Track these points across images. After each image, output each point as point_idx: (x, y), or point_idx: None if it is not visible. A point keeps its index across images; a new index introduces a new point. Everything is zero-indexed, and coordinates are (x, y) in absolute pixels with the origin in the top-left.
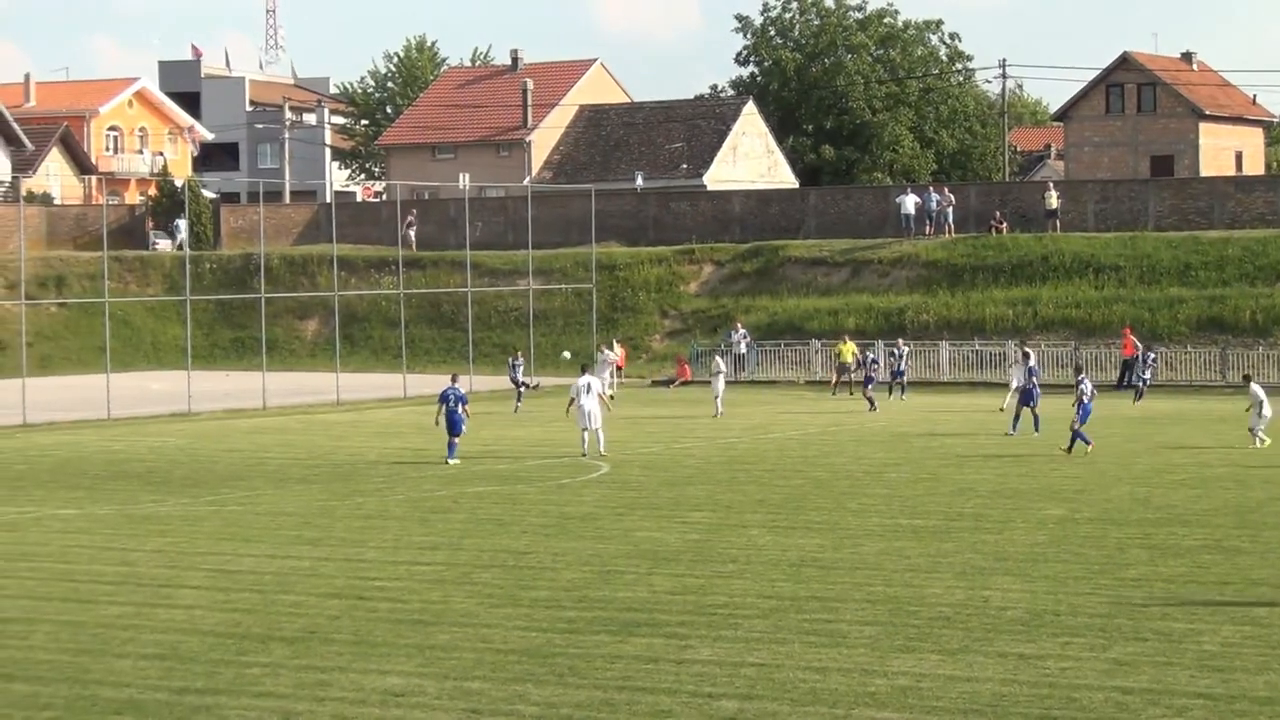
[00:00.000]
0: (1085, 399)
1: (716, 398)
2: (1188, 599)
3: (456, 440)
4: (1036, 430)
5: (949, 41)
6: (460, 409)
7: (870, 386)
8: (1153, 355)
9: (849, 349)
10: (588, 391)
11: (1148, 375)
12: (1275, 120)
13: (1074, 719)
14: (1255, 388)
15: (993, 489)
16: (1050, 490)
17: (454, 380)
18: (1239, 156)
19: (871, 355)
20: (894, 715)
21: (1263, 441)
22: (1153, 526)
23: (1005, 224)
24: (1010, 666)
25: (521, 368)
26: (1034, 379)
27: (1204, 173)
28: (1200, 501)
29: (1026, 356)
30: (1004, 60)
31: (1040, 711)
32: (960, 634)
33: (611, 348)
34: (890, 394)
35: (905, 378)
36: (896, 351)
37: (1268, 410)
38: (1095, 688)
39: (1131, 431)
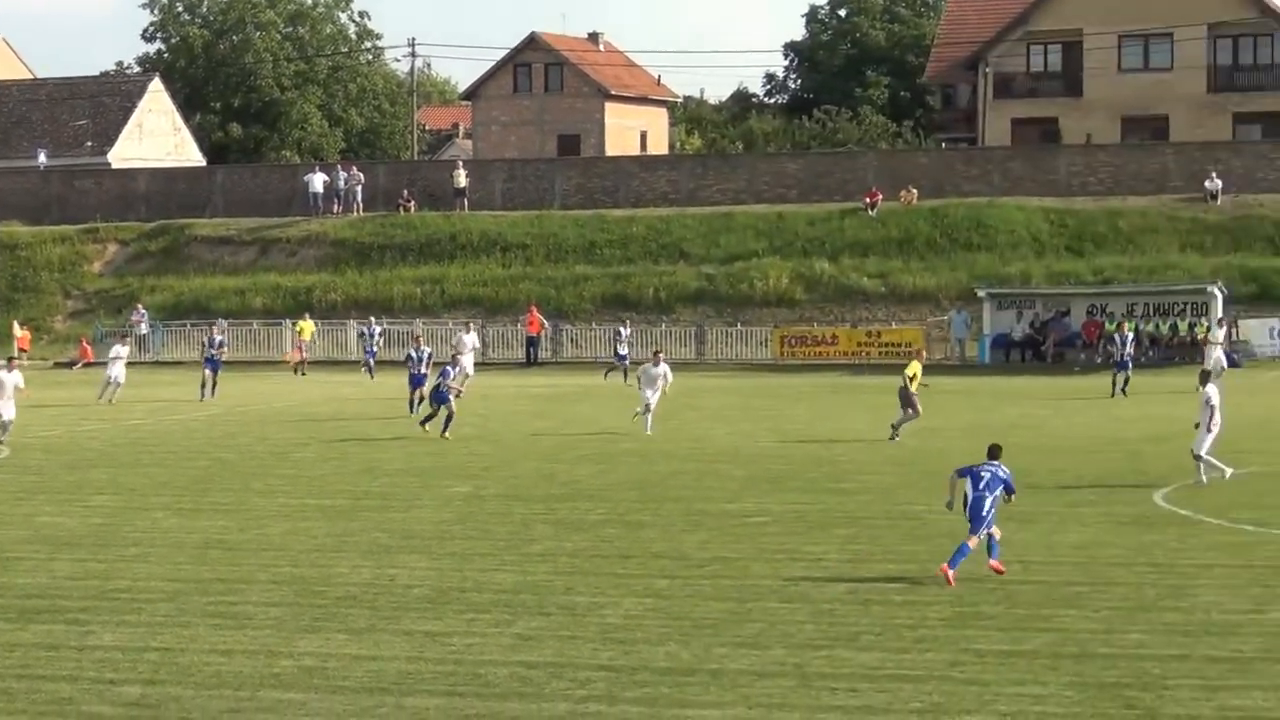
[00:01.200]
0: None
1: (109, 384)
2: (591, 572)
3: None
4: (412, 411)
5: (358, 20)
6: None
7: (217, 371)
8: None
9: (308, 327)
10: None
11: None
12: (679, 100)
13: (479, 694)
14: (664, 369)
15: (400, 467)
16: (457, 468)
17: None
18: (644, 136)
19: (220, 338)
20: (299, 696)
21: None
22: (558, 502)
23: (414, 202)
24: (417, 644)
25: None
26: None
27: (609, 152)
28: (604, 476)
29: (435, 341)
30: (413, 39)
31: (446, 687)
32: (367, 613)
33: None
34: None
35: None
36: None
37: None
38: (500, 663)
39: (537, 408)
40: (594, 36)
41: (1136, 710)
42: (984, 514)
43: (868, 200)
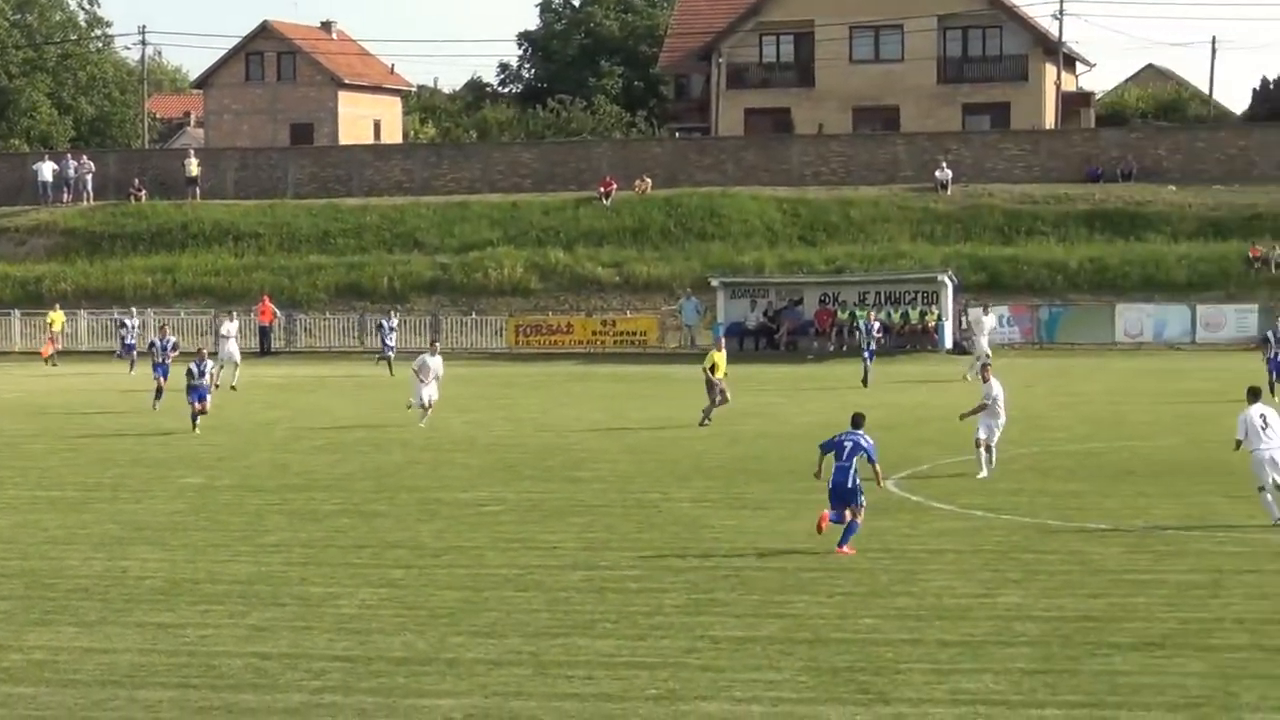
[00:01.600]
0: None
1: None
2: (326, 563)
3: None
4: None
5: (87, 7)
6: None
7: None
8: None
9: (59, 318)
10: None
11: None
12: (412, 90)
13: (213, 686)
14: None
15: (132, 459)
16: (190, 458)
17: None
18: (377, 125)
19: None
20: (29, 690)
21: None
22: (292, 492)
23: (145, 191)
24: (149, 636)
25: None
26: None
27: (343, 141)
28: (339, 466)
29: (163, 331)
30: (143, 27)
31: (179, 680)
32: (99, 605)
33: None
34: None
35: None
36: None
37: (433, 392)
38: (234, 654)
39: (270, 398)
40: (327, 25)
41: (870, 694)
42: (850, 487)
43: (602, 190)
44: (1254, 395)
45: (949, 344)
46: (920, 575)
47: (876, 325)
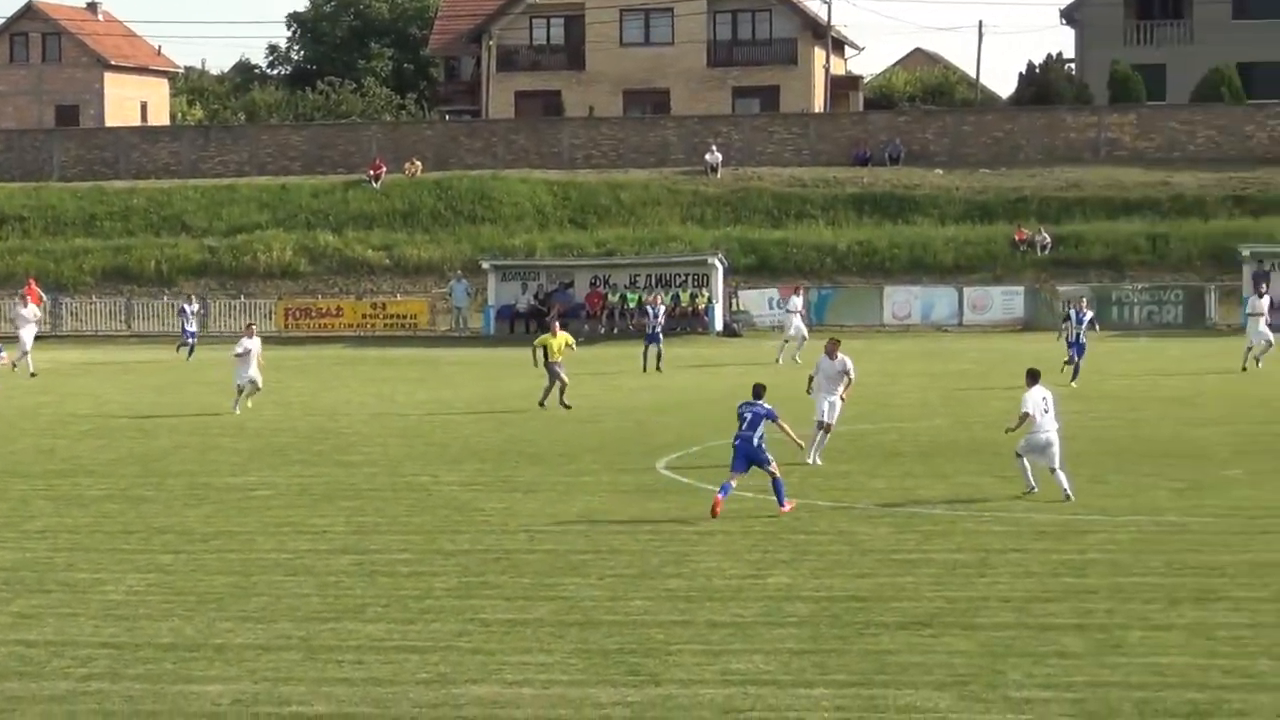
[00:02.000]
0: None
1: None
2: (93, 549)
3: None
4: None
5: None
6: None
7: None
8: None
9: None
10: None
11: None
12: (180, 71)
13: None
14: (258, 343)
15: None
16: None
17: None
18: (144, 107)
19: None
20: None
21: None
22: (57, 478)
23: None
24: None
25: None
26: None
27: (109, 123)
28: (105, 451)
29: None
30: None
31: None
32: None
33: None
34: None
35: None
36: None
37: (255, 375)
38: None
39: (36, 383)
40: (93, 5)
41: (641, 676)
42: (756, 446)
43: (372, 172)
44: (1034, 378)
45: (719, 326)
46: (690, 557)
47: (662, 310)
